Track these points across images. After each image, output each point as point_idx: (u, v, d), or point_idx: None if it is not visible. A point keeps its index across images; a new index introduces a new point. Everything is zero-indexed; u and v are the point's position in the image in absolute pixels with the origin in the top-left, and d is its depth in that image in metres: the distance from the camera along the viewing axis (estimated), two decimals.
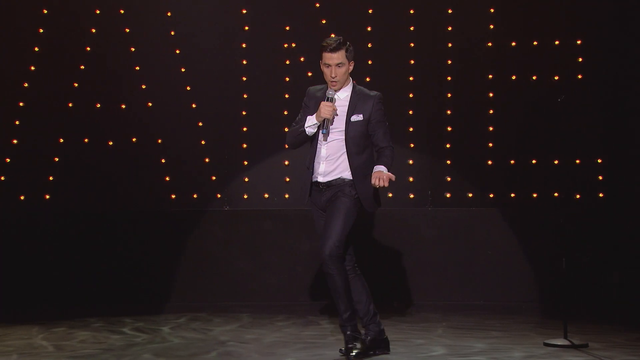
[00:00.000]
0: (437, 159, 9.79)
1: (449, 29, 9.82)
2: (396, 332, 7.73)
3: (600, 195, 9.56)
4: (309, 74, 9.76)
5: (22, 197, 9.48)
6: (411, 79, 9.83)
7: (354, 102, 6.50)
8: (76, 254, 9.50)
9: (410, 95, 9.82)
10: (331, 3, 9.82)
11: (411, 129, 9.78)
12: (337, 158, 6.50)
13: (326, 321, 8.35)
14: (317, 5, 9.79)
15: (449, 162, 9.76)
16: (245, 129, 9.76)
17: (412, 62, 9.83)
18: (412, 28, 9.81)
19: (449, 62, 9.82)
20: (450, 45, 9.83)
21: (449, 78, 9.83)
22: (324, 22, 9.78)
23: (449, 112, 9.79)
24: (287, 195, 9.76)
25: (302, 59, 9.80)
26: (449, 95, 9.81)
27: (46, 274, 9.43)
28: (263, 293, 9.65)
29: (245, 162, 9.75)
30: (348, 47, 6.47)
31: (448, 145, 9.77)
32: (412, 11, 9.81)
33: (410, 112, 9.80)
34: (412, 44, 9.82)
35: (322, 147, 6.51)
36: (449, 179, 9.75)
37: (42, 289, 9.41)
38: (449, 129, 9.79)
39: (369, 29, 9.82)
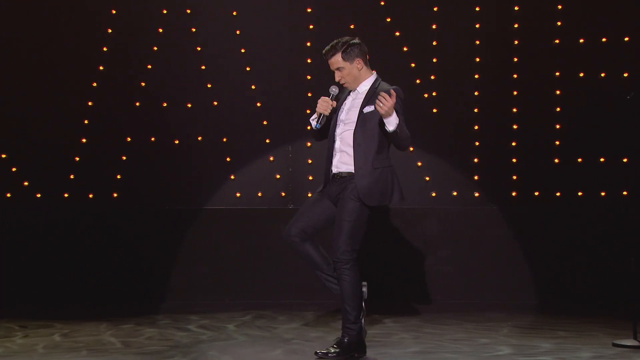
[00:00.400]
0: (502, 157, 9.70)
1: (515, 26, 9.71)
2: (460, 331, 7.69)
3: None
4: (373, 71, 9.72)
5: (90, 195, 9.62)
6: (476, 76, 9.75)
7: (370, 95, 6.51)
8: (144, 250, 9.61)
9: (476, 93, 9.76)
10: (396, 1, 9.80)
11: (476, 127, 9.70)
12: (352, 151, 6.47)
13: (391, 320, 8.33)
14: (382, 3, 9.77)
15: (514, 160, 9.67)
16: (308, 127, 9.75)
17: (478, 59, 9.75)
18: (477, 25, 9.73)
19: (515, 59, 9.72)
20: (516, 42, 9.73)
21: (514, 76, 9.73)
22: (388, 20, 9.76)
23: (514, 110, 9.70)
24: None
25: (367, 57, 9.74)
26: (515, 92, 9.71)
27: (118, 270, 9.56)
28: (327, 291, 9.61)
29: (310, 161, 9.77)
30: (345, 48, 6.51)
31: (514, 144, 9.67)
32: (477, 8, 9.73)
33: (476, 110, 9.73)
34: (477, 42, 9.74)
35: (337, 139, 6.56)
36: (514, 177, 9.66)
37: (110, 286, 9.53)
38: (515, 126, 9.69)
39: (434, 26, 9.77)
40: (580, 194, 9.64)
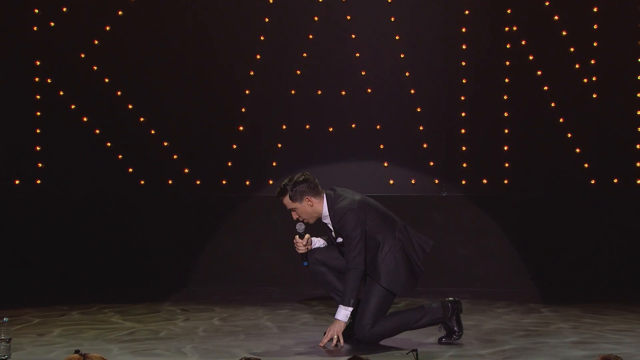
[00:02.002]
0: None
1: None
2: (622, 321, 7.47)
3: None
4: (530, 57, 9.57)
5: (247, 183, 9.82)
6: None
7: (335, 224, 6.56)
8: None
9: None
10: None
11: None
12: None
13: (548, 309, 8.16)
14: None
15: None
16: (464, 114, 9.69)
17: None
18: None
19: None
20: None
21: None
22: (547, 4, 9.54)
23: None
24: (506, 181, 9.61)
25: (523, 42, 9.61)
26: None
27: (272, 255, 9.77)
28: (483, 279, 9.56)
29: (464, 148, 9.67)
30: (292, 189, 6.54)
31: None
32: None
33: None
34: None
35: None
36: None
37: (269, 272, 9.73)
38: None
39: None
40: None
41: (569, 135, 9.56)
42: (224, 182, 9.82)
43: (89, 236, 9.73)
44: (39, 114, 9.80)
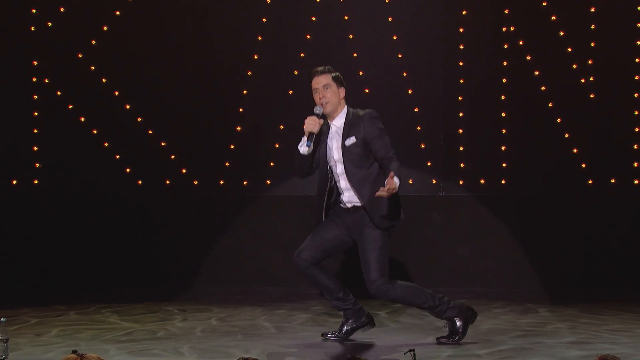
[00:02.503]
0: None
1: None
2: (619, 322, 7.47)
3: None
4: (528, 57, 9.58)
5: (245, 183, 9.81)
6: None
7: (348, 128, 6.53)
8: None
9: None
10: None
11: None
12: (355, 187, 6.51)
13: (545, 309, 8.17)
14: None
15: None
16: (461, 114, 9.69)
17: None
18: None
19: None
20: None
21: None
22: (545, 4, 9.55)
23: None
24: (503, 181, 9.62)
25: (521, 43, 9.61)
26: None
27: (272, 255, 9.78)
28: (481, 279, 9.57)
29: (461, 148, 9.68)
30: (336, 74, 6.63)
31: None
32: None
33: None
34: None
35: (341, 179, 6.55)
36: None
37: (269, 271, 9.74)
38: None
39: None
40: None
41: (567, 135, 9.56)
42: (221, 182, 9.82)
43: (86, 236, 9.73)
44: (36, 114, 9.81)
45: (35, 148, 9.80)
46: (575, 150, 9.56)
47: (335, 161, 6.59)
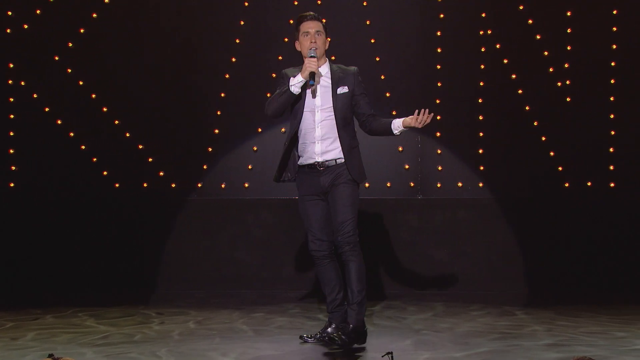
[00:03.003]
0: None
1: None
2: (595, 324, 7.51)
3: None
4: (505, 60, 9.63)
5: (222, 185, 9.80)
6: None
7: (337, 76, 6.71)
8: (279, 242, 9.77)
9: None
10: None
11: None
12: (334, 136, 6.66)
13: (522, 312, 8.20)
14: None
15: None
16: (439, 117, 9.72)
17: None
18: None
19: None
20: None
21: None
22: (521, 7, 9.60)
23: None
24: (481, 184, 9.66)
25: (498, 46, 9.66)
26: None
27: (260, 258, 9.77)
28: (458, 282, 9.60)
29: (439, 151, 9.71)
30: (324, 23, 6.83)
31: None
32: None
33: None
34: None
35: (317, 127, 6.64)
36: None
37: (246, 274, 9.73)
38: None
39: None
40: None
41: (543, 138, 9.61)
42: (199, 185, 9.80)
43: (62, 240, 9.68)
44: (12, 116, 9.75)
45: (11, 151, 9.74)
46: (552, 153, 9.61)
47: (317, 107, 6.69)
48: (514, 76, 9.64)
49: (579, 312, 8.14)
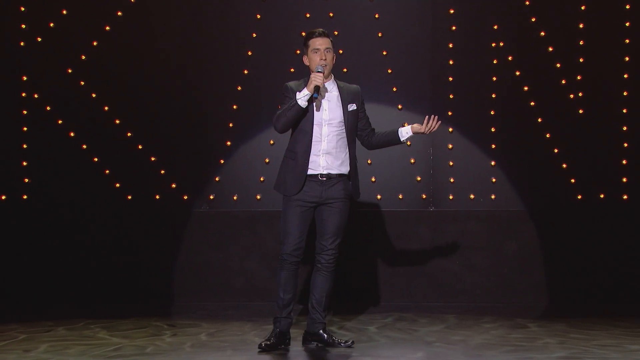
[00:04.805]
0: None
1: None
2: (609, 337, 7.47)
3: None
4: (517, 73, 9.63)
5: (234, 197, 9.81)
6: (625, 76, 9.58)
7: (345, 93, 6.91)
8: None
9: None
10: (540, 2, 9.67)
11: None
12: (339, 151, 6.88)
13: (535, 324, 8.17)
14: (527, 3, 9.64)
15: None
16: (451, 129, 9.72)
17: (627, 58, 9.58)
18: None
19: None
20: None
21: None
22: (533, 20, 9.61)
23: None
24: (493, 196, 9.65)
25: (510, 58, 9.66)
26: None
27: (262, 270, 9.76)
28: (470, 294, 9.58)
29: (451, 163, 9.71)
30: (332, 40, 6.93)
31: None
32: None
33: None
34: (627, 40, 9.58)
35: (323, 140, 6.82)
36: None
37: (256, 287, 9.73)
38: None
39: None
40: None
41: (556, 150, 9.60)
42: (211, 197, 9.81)
43: (76, 252, 9.71)
44: (25, 129, 9.79)
45: (25, 163, 9.78)
46: (564, 166, 9.60)
47: (324, 121, 6.85)
48: (526, 88, 9.63)
49: (592, 324, 8.11)
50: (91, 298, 9.57)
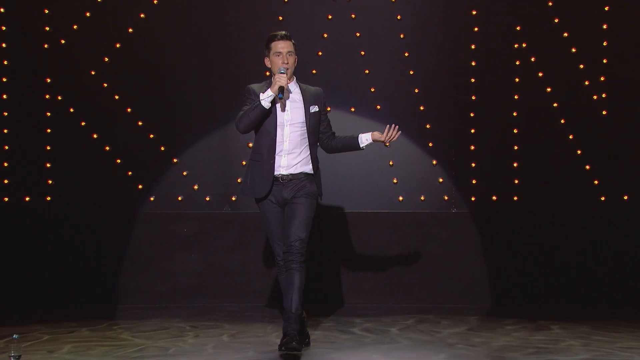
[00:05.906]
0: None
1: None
2: (633, 339, 7.43)
3: None
4: (540, 74, 9.59)
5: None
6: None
7: (308, 95, 6.96)
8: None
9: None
10: (564, 1, 9.63)
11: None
12: (300, 151, 6.92)
13: (558, 326, 8.14)
14: (550, 4, 9.61)
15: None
16: (472, 130, 9.70)
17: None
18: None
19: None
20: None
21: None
22: (556, 20, 9.58)
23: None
24: (515, 198, 9.62)
25: (533, 59, 9.63)
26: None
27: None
28: (492, 296, 9.55)
29: (473, 164, 9.69)
30: (294, 43, 6.97)
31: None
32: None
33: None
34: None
35: (285, 141, 6.87)
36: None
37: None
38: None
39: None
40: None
41: (579, 152, 9.56)
42: (233, 198, 9.83)
43: (101, 253, 9.76)
44: (49, 130, 9.85)
45: (48, 165, 9.84)
46: (587, 167, 9.55)
47: (286, 122, 6.92)
48: (549, 89, 9.60)
49: (615, 326, 8.07)
50: (113, 299, 9.61)
